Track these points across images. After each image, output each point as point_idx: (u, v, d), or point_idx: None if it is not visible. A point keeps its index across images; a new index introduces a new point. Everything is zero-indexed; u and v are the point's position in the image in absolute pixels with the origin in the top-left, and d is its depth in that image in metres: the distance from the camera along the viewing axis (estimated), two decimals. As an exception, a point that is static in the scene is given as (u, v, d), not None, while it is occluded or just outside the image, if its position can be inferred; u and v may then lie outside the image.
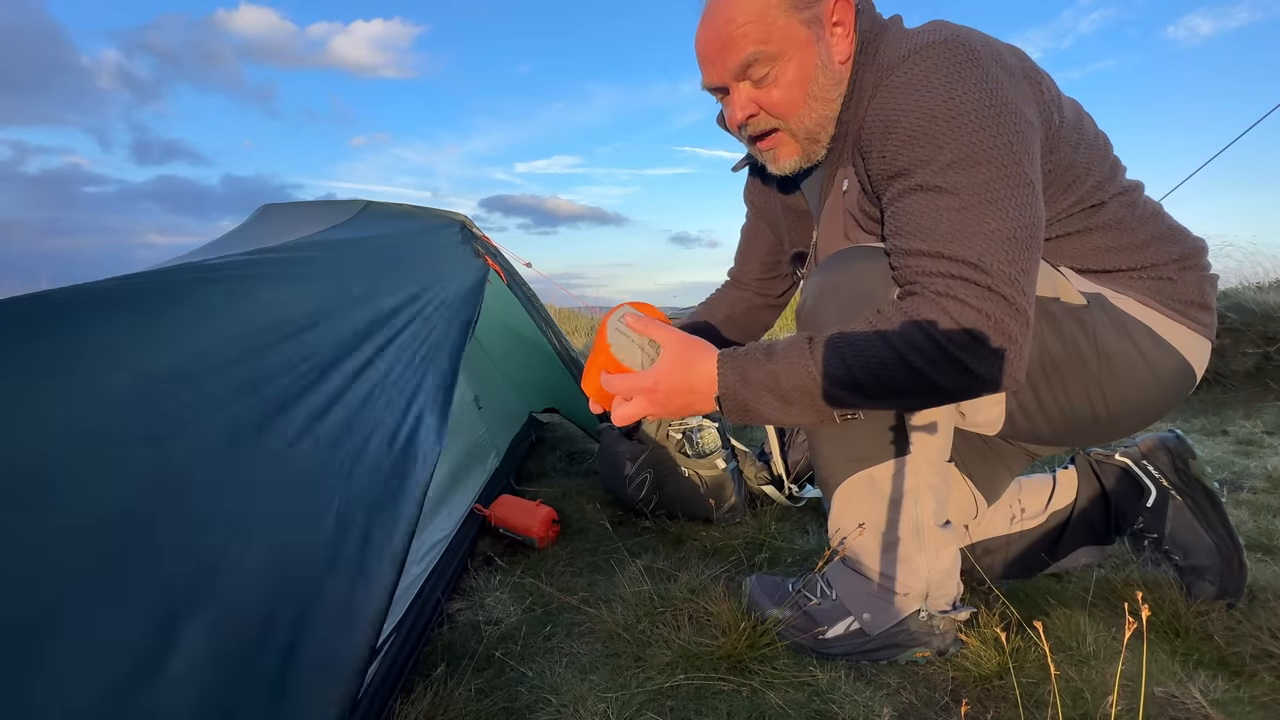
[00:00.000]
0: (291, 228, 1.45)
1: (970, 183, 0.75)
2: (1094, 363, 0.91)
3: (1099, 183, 0.89)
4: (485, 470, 1.73)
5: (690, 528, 1.46)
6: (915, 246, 0.78)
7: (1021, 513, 1.15)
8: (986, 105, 0.76)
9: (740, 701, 0.87)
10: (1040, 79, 0.85)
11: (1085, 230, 0.91)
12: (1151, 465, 1.10)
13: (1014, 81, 0.80)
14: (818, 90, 0.87)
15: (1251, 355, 2.75)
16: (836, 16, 0.87)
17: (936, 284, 0.76)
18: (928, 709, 0.86)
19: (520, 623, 1.10)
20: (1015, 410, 0.95)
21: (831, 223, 0.97)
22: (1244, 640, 0.93)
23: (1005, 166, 0.75)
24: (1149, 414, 0.96)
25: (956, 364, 0.74)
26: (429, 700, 0.87)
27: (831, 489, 0.98)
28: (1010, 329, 0.74)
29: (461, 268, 1.50)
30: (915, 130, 0.78)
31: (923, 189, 0.78)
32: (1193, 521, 1.05)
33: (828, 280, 0.90)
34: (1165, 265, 0.92)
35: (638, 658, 0.97)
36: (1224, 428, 2.23)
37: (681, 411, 0.84)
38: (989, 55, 0.79)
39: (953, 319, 0.74)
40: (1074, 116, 0.89)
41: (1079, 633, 0.95)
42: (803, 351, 0.78)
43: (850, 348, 0.77)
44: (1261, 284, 3.43)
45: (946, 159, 0.76)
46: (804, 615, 0.99)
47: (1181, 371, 0.93)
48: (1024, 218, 0.75)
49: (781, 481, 1.59)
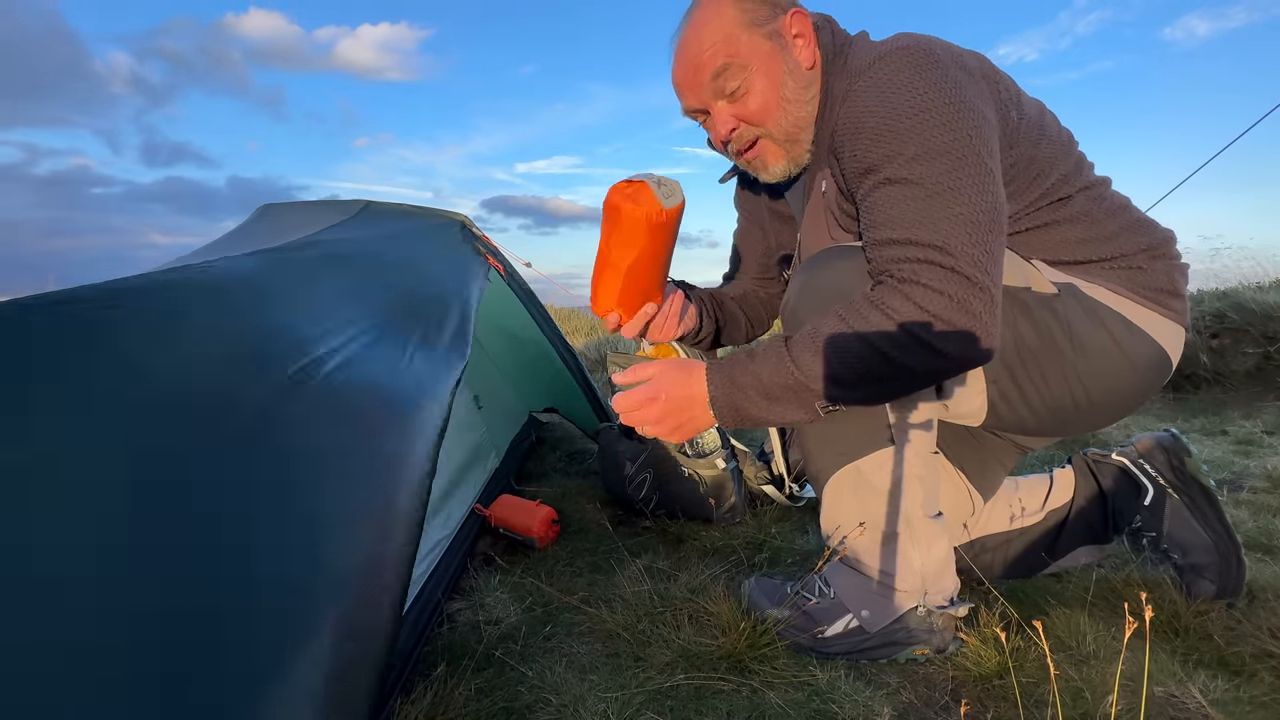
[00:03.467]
0: (291, 227, 1.45)
1: (933, 173, 0.80)
2: (1069, 350, 0.93)
3: (1064, 177, 0.93)
4: (486, 470, 1.73)
5: (690, 528, 1.46)
6: (884, 236, 0.82)
7: (1021, 511, 1.15)
8: (946, 103, 0.81)
9: (740, 701, 0.87)
10: (999, 80, 0.91)
11: (1054, 223, 0.95)
12: (1148, 464, 1.11)
13: (973, 81, 0.86)
14: (789, 93, 0.94)
15: (1251, 355, 2.75)
16: (795, 29, 0.94)
17: (903, 270, 0.80)
18: (927, 708, 0.86)
19: (520, 623, 1.10)
20: (997, 400, 0.97)
21: (814, 224, 1.02)
22: (1244, 640, 0.94)
23: (965, 157, 0.80)
24: (1128, 400, 0.99)
25: (924, 346, 0.78)
26: (429, 700, 0.87)
27: (821, 484, 1.01)
28: (974, 307, 0.78)
29: (462, 266, 1.50)
30: (881, 128, 0.83)
31: (890, 182, 0.82)
32: (1190, 519, 1.06)
33: (808, 280, 0.95)
34: (1135, 255, 0.95)
35: (638, 657, 0.97)
36: (1224, 428, 2.23)
37: (683, 423, 0.89)
38: (949, 58, 0.85)
39: (916, 303, 0.78)
40: (1035, 114, 0.93)
41: (1079, 632, 0.95)
42: (780, 350, 0.84)
43: (823, 341, 0.81)
44: (1261, 284, 3.43)
45: (910, 153, 0.81)
46: (803, 615, 0.99)
47: (1156, 357, 0.95)
48: (985, 203, 0.80)
49: (781, 481, 1.59)
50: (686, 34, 0.95)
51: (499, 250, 1.76)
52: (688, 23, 0.95)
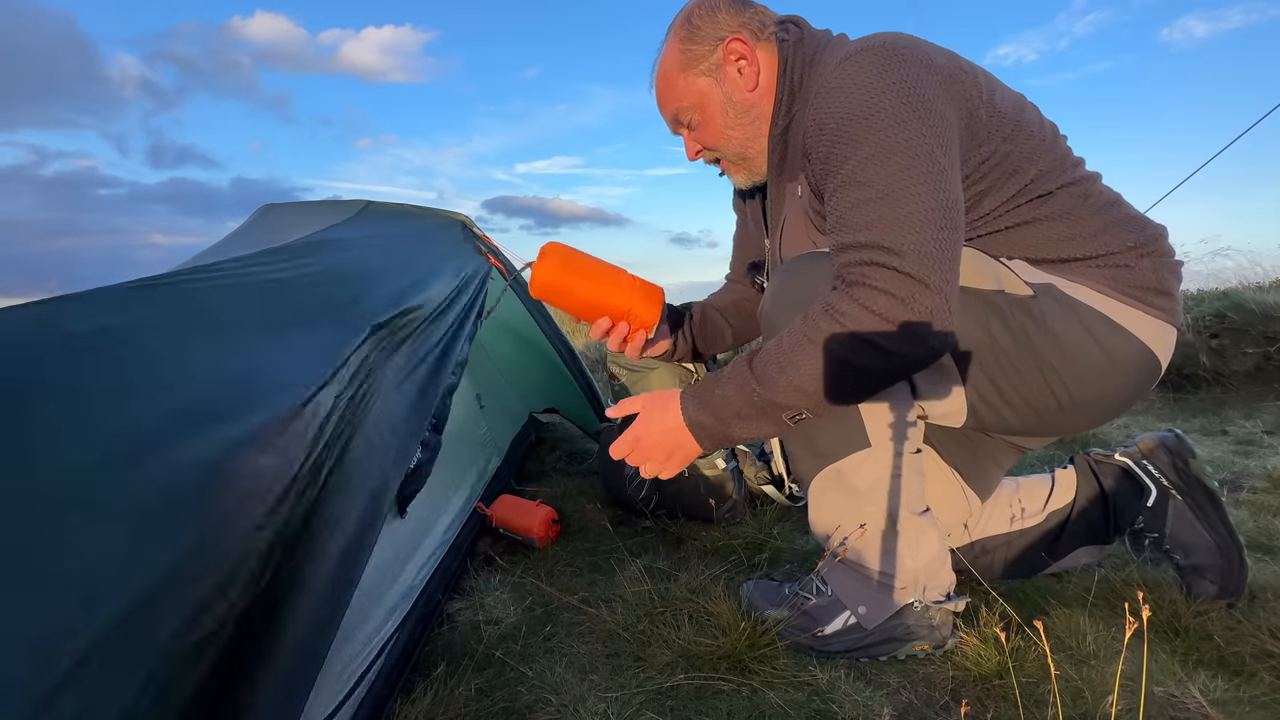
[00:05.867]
0: (291, 227, 1.45)
1: (885, 173, 0.81)
2: (1047, 351, 0.93)
3: (1043, 172, 0.92)
4: (487, 469, 1.73)
5: (690, 528, 1.46)
6: (839, 240, 0.85)
7: (1022, 512, 1.15)
8: (901, 102, 0.82)
9: (740, 701, 0.87)
10: (969, 77, 0.90)
11: (1035, 221, 0.94)
12: (1151, 465, 1.10)
13: (935, 79, 0.85)
14: (729, 122, 1.02)
15: (1251, 355, 2.75)
16: (735, 54, 0.99)
17: (852, 273, 0.82)
18: (927, 708, 0.86)
19: (520, 623, 1.10)
20: (977, 402, 0.97)
21: (795, 228, 1.05)
22: (1244, 640, 0.94)
23: (918, 156, 0.81)
24: (1116, 400, 0.98)
25: (873, 347, 0.80)
26: (429, 700, 0.87)
27: (806, 485, 1.03)
28: (921, 304, 0.78)
29: (462, 265, 1.50)
30: (841, 130, 0.85)
31: (845, 184, 0.84)
32: (1193, 521, 1.05)
33: (781, 286, 0.98)
34: (1122, 253, 0.94)
35: (638, 657, 0.97)
36: (1224, 428, 2.23)
37: (672, 453, 0.93)
38: (914, 56, 0.86)
39: (863, 305, 0.80)
40: (1012, 110, 0.93)
41: (1079, 632, 0.95)
42: (744, 370, 0.87)
43: (782, 354, 0.84)
44: (1261, 284, 3.42)
45: (864, 154, 0.82)
46: (802, 615, 0.99)
47: (1141, 356, 0.94)
48: (936, 200, 0.80)
49: (781, 481, 1.59)
50: (654, 74, 1.06)
51: (499, 250, 1.76)
52: (656, 61, 1.06)
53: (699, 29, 0.99)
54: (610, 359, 1.87)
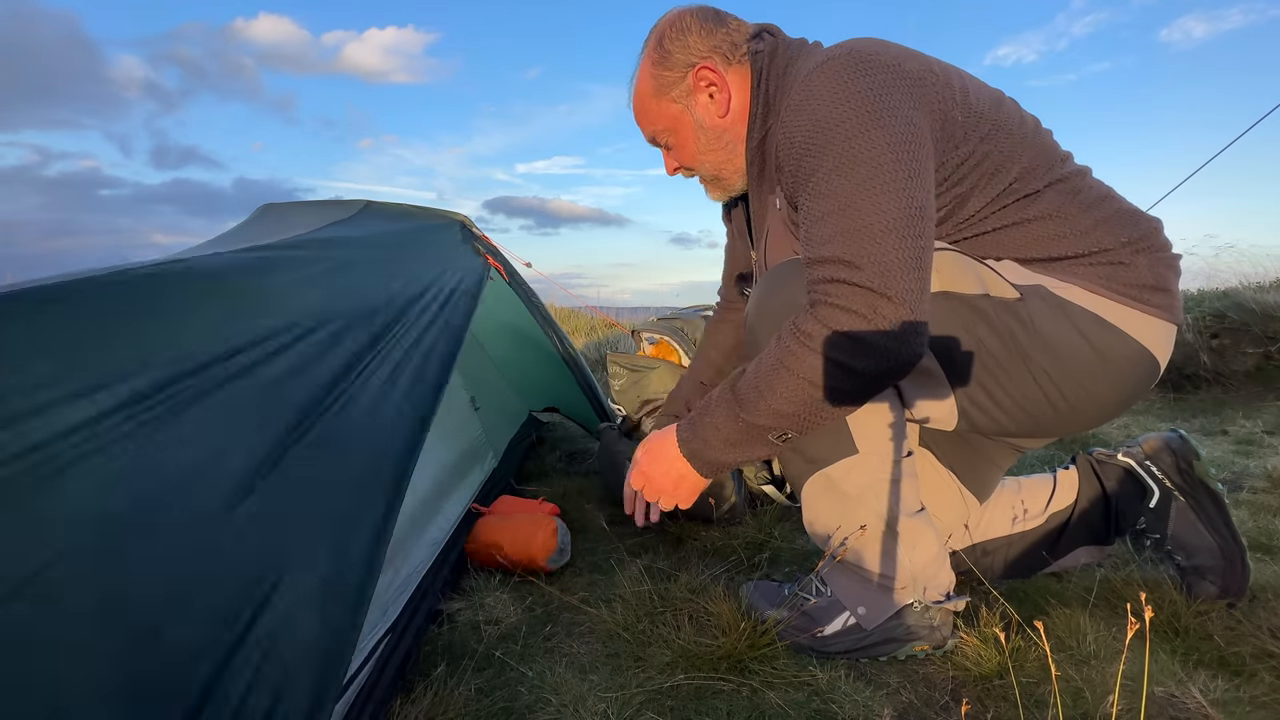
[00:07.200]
0: (290, 226, 1.45)
1: (848, 184, 0.80)
2: (1036, 353, 0.92)
3: (1027, 170, 0.91)
4: (483, 470, 1.73)
5: (690, 528, 1.46)
6: (807, 255, 0.85)
7: (1024, 513, 1.15)
8: (865, 110, 0.81)
9: (740, 701, 0.87)
10: (938, 80, 0.88)
11: (1023, 221, 0.92)
12: (1155, 466, 1.10)
13: (902, 85, 0.84)
14: (702, 146, 1.04)
15: (1251, 355, 2.75)
16: (706, 81, 1.00)
17: (815, 292, 0.83)
18: (928, 708, 0.86)
19: (520, 623, 1.10)
20: (968, 406, 0.96)
21: (778, 239, 1.05)
22: (1244, 640, 0.94)
23: (881, 164, 0.80)
24: (1112, 400, 0.96)
25: (840, 367, 0.80)
26: (429, 700, 0.87)
27: (798, 490, 1.03)
28: (884, 316, 0.78)
29: (461, 265, 1.50)
30: (807, 142, 0.84)
31: (812, 197, 0.84)
32: (1196, 522, 1.05)
33: (763, 294, 0.99)
34: (1115, 250, 0.92)
35: (638, 658, 0.97)
36: (1224, 427, 2.23)
37: (678, 484, 0.98)
38: (880, 63, 0.84)
39: (826, 324, 0.80)
40: (989, 108, 0.91)
41: (1079, 633, 0.95)
42: (729, 399, 0.88)
43: (759, 378, 0.85)
44: (1261, 284, 3.42)
45: (829, 166, 0.82)
46: (802, 615, 0.99)
47: (1137, 355, 0.92)
48: (898, 208, 0.79)
49: (782, 481, 1.59)
50: (630, 91, 1.08)
51: (499, 250, 1.76)
52: (632, 76, 1.07)
53: (670, 54, 0.99)
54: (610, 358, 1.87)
